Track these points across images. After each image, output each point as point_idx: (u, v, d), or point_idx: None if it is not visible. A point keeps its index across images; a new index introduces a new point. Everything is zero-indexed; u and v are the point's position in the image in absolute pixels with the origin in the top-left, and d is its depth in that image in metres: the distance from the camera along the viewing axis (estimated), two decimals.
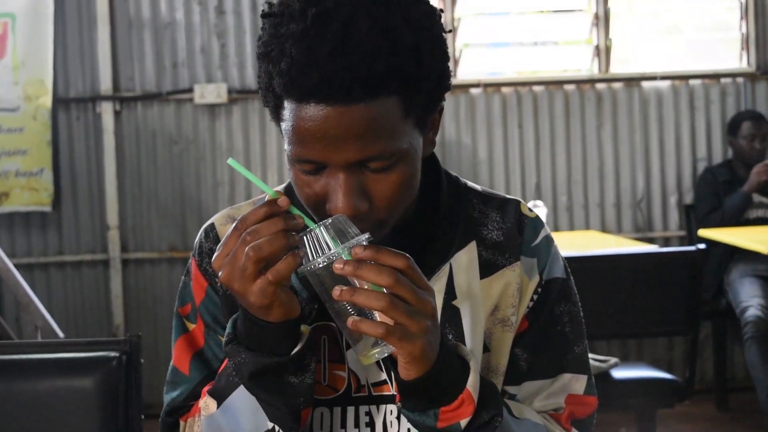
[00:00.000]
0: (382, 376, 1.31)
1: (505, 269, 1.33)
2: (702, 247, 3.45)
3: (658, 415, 3.66)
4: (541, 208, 4.40)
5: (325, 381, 1.31)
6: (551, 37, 5.45)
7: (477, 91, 5.27)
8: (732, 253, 4.74)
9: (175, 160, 5.20)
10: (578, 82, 5.32)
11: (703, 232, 4.68)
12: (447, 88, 1.23)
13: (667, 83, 5.33)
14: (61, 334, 4.01)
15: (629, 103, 5.32)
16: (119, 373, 1.60)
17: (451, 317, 1.30)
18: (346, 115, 1.14)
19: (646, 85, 5.32)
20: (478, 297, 1.32)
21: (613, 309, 3.38)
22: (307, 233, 1.13)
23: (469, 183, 1.40)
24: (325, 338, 1.31)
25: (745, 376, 5.06)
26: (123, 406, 1.60)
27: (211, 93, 5.15)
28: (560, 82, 5.32)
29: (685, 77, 5.34)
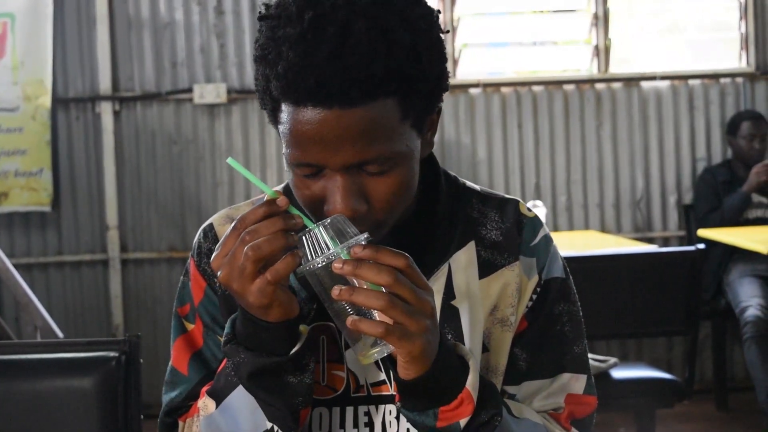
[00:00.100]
0: (381, 376, 1.31)
1: (504, 269, 1.33)
2: (701, 247, 3.45)
3: (658, 415, 3.66)
4: (541, 208, 4.39)
5: (324, 381, 1.31)
6: (550, 37, 5.45)
7: (476, 91, 5.27)
8: (731, 253, 4.74)
9: (174, 160, 5.20)
10: (577, 82, 5.32)
11: (703, 232, 4.68)
12: (445, 89, 1.23)
13: (666, 83, 5.33)
14: (60, 334, 4.01)
15: (628, 103, 5.32)
16: (118, 374, 1.60)
17: (450, 317, 1.30)
18: (344, 118, 1.13)
19: (645, 85, 5.32)
20: (477, 297, 1.32)
21: (613, 309, 3.38)
22: (306, 233, 1.12)
23: (467, 183, 1.40)
24: (323, 338, 1.30)
25: (745, 376, 5.06)
26: (122, 406, 1.60)
27: (210, 93, 5.15)
28: (559, 82, 5.31)
29: (685, 77, 5.34)
